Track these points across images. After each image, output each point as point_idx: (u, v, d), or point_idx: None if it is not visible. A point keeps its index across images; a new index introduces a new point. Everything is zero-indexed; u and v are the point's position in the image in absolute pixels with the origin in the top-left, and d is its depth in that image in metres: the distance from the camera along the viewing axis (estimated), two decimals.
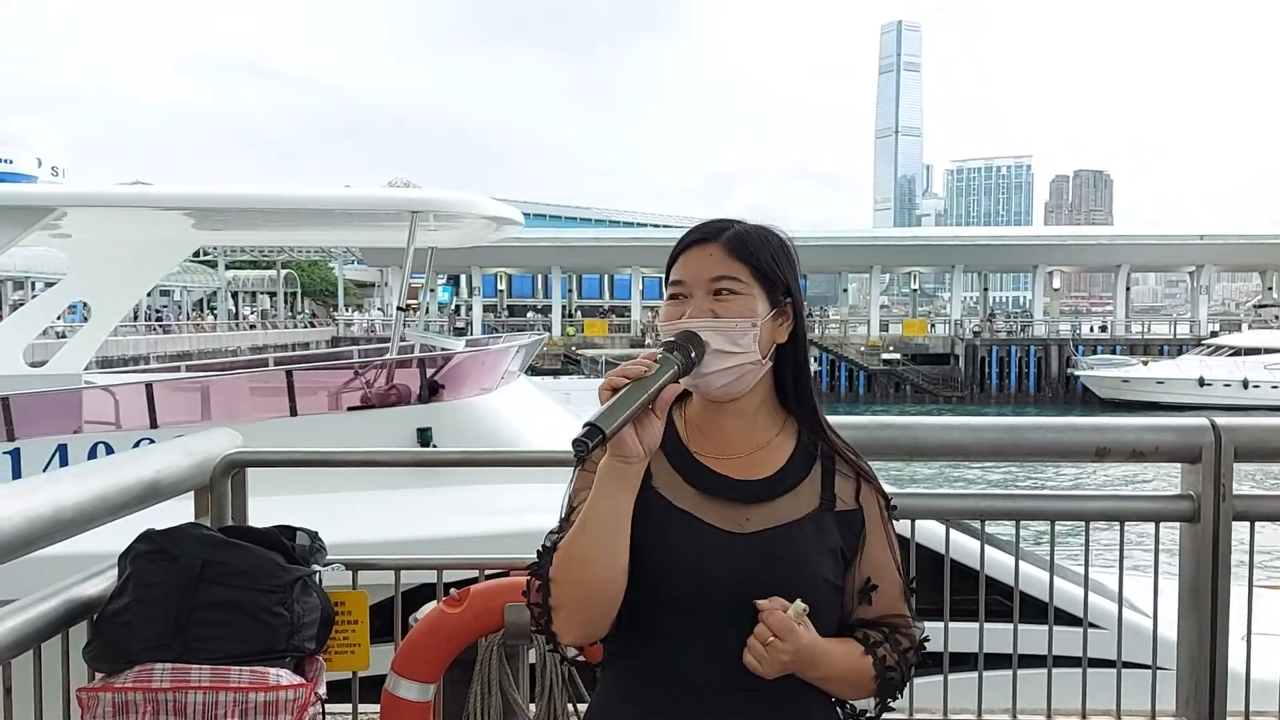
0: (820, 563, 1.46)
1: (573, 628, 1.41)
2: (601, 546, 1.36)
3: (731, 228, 1.52)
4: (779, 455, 1.52)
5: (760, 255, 1.50)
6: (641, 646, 1.45)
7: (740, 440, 1.52)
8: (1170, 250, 55.44)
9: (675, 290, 1.51)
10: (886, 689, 1.49)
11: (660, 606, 1.42)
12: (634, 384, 1.31)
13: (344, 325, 59.21)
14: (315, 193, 9.78)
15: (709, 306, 1.46)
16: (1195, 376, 40.63)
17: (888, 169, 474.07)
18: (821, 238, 58.47)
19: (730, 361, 1.45)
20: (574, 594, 1.38)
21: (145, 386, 8.07)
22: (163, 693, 2.17)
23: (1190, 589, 3.09)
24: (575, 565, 1.37)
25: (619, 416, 1.28)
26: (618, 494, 1.36)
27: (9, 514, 2.02)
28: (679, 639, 1.43)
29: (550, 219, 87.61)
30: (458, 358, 9.04)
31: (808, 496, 1.50)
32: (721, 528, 1.45)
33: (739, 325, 1.46)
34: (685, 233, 1.55)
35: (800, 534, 1.46)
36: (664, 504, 1.45)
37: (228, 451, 2.69)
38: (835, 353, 51.20)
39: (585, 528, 1.37)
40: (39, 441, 7.39)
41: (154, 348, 36.00)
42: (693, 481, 1.48)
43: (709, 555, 1.42)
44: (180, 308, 64.83)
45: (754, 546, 1.44)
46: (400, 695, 2.66)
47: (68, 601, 2.27)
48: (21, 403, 7.67)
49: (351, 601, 2.65)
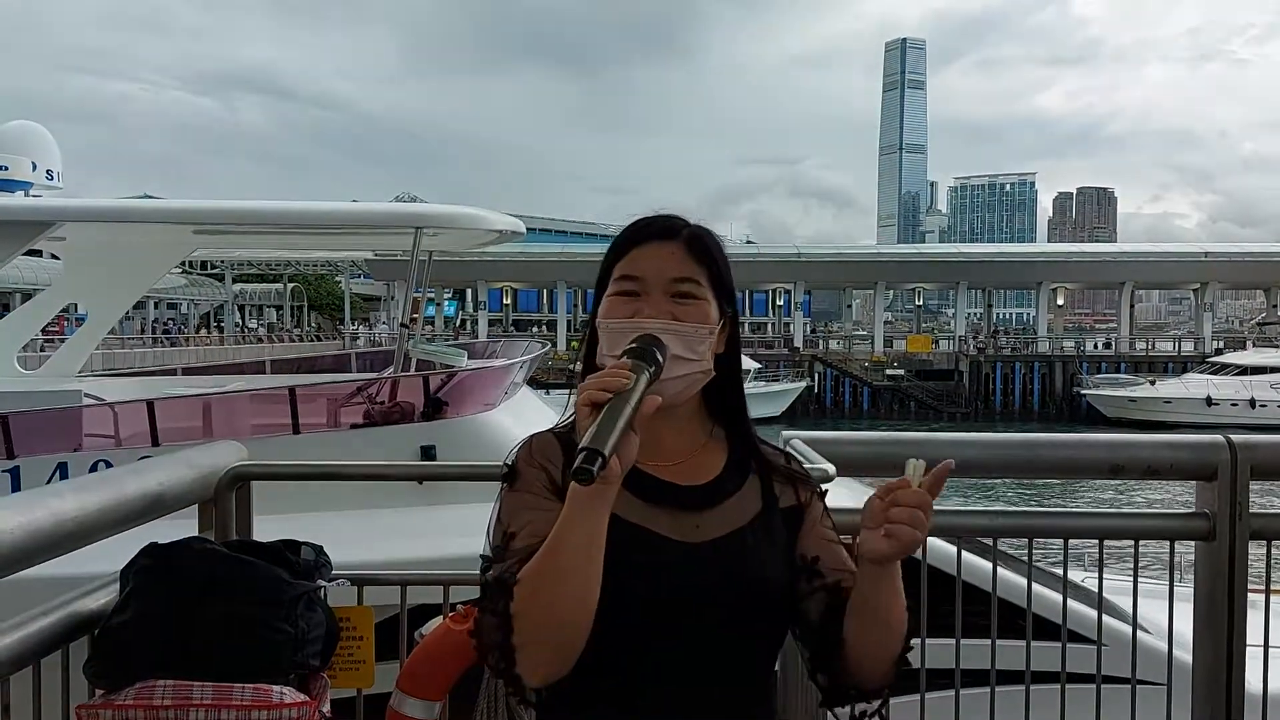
0: (777, 565, 1.43)
1: (540, 667, 1.28)
2: (576, 575, 1.25)
3: (686, 226, 1.48)
4: (715, 460, 1.49)
5: (717, 259, 1.48)
6: (594, 663, 1.34)
7: (676, 446, 1.48)
8: (1174, 267, 55.48)
9: (627, 286, 1.45)
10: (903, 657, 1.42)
11: (617, 627, 1.33)
12: (615, 398, 1.24)
13: (350, 339, 59.28)
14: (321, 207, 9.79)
15: (668, 309, 1.41)
16: (1202, 396, 40.61)
17: (892, 186, 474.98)
18: (826, 254, 58.63)
19: (687, 369, 1.42)
20: (543, 630, 1.26)
21: (146, 404, 7.99)
22: (164, 710, 2.13)
23: (1206, 608, 3.05)
24: (545, 597, 1.25)
25: (612, 434, 1.20)
26: (593, 517, 1.25)
27: (9, 527, 1.98)
28: (637, 655, 1.37)
29: (556, 234, 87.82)
30: (460, 374, 9.01)
31: (751, 500, 1.47)
32: (676, 539, 1.39)
33: (699, 331, 1.42)
34: (636, 223, 1.50)
35: (754, 537, 1.43)
36: (613, 518, 1.30)
37: (232, 464, 2.66)
38: (839, 369, 51.20)
39: (557, 555, 1.25)
40: (39, 460, 7.33)
41: (160, 360, 36.02)
42: (638, 491, 1.39)
43: (668, 570, 1.37)
44: (187, 321, 64.99)
45: (712, 556, 1.39)
46: (405, 713, 2.63)
47: (68, 616, 2.23)
48: (21, 421, 7.63)
49: (356, 618, 2.62)
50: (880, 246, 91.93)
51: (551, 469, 1.42)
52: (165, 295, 56.93)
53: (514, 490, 1.40)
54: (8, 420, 7.43)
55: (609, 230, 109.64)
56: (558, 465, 1.42)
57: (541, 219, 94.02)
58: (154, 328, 55.18)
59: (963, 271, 56.99)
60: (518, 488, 1.40)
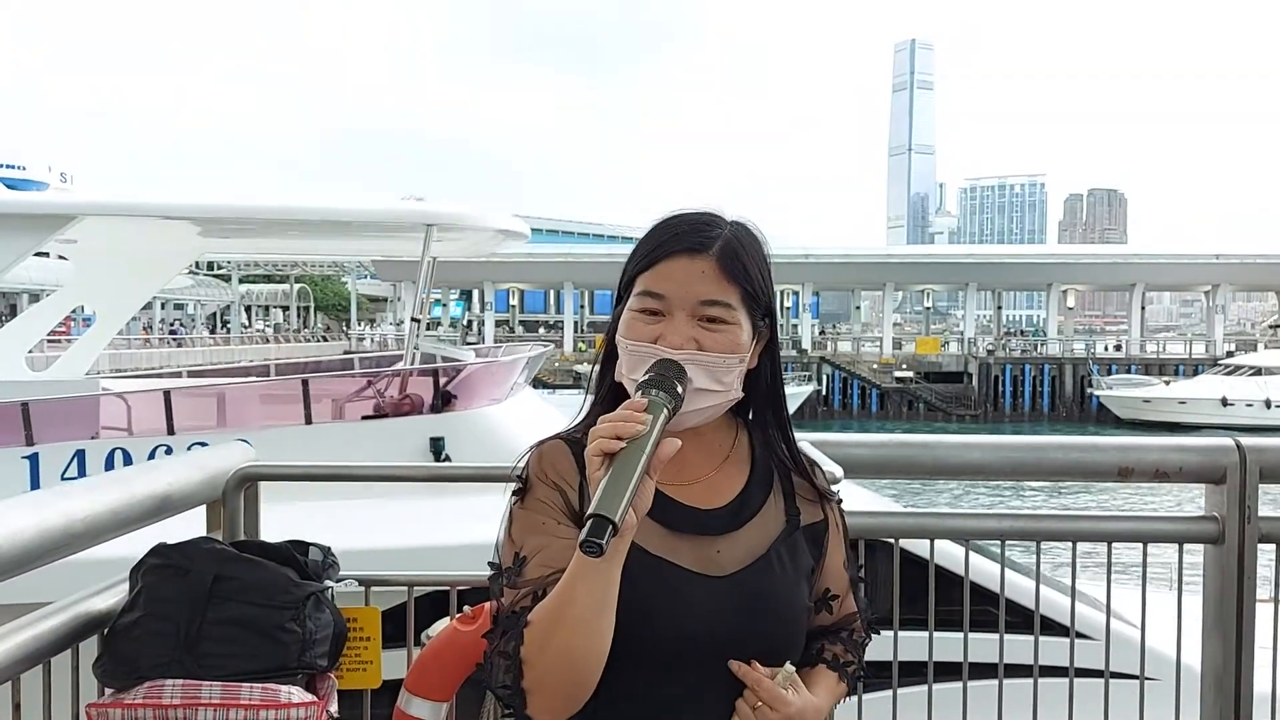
0: (799, 595, 1.38)
1: (552, 709, 1.25)
2: (588, 628, 1.20)
3: (721, 234, 1.35)
4: (737, 474, 1.42)
5: (753, 275, 1.35)
6: (615, 710, 1.32)
7: (697, 463, 1.39)
8: (1186, 269, 55.23)
9: (650, 305, 1.33)
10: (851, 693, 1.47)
11: (636, 663, 1.29)
12: (629, 447, 1.15)
13: (356, 340, 59.39)
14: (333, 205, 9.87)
15: (692, 334, 1.31)
16: (1217, 397, 40.37)
17: (901, 187, 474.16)
18: (834, 255, 58.47)
19: (711, 401, 1.33)
20: (553, 676, 1.22)
21: (163, 394, 8.13)
22: (173, 709, 2.14)
23: (1214, 612, 3.04)
24: (556, 647, 1.21)
25: (622, 496, 1.12)
26: (606, 571, 1.18)
27: (20, 527, 1.99)
28: (656, 697, 1.32)
29: (563, 235, 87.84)
30: (469, 369, 9.13)
31: (774, 515, 1.40)
32: (698, 572, 1.33)
33: (727, 361, 1.32)
34: (665, 231, 1.36)
35: (778, 565, 1.37)
36: (632, 548, 1.23)
37: (240, 465, 2.67)
38: (847, 370, 51.11)
39: (568, 607, 1.19)
40: (57, 447, 7.43)
41: (167, 360, 36.13)
42: (658, 517, 1.29)
43: (690, 606, 1.31)
44: (194, 321, 65.16)
45: (735, 590, 1.33)
46: (412, 714, 2.63)
47: (78, 616, 2.24)
48: (40, 408, 7.73)
49: (364, 618, 2.62)
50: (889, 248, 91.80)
51: (567, 490, 1.34)
52: (172, 296, 57.09)
53: (525, 507, 1.34)
54: (28, 407, 7.52)
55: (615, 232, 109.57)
56: (573, 485, 1.34)
57: (548, 219, 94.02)
58: (161, 328, 55.35)
59: (972, 272, 56.82)
60: (529, 505, 1.33)
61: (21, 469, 7.21)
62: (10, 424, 7.52)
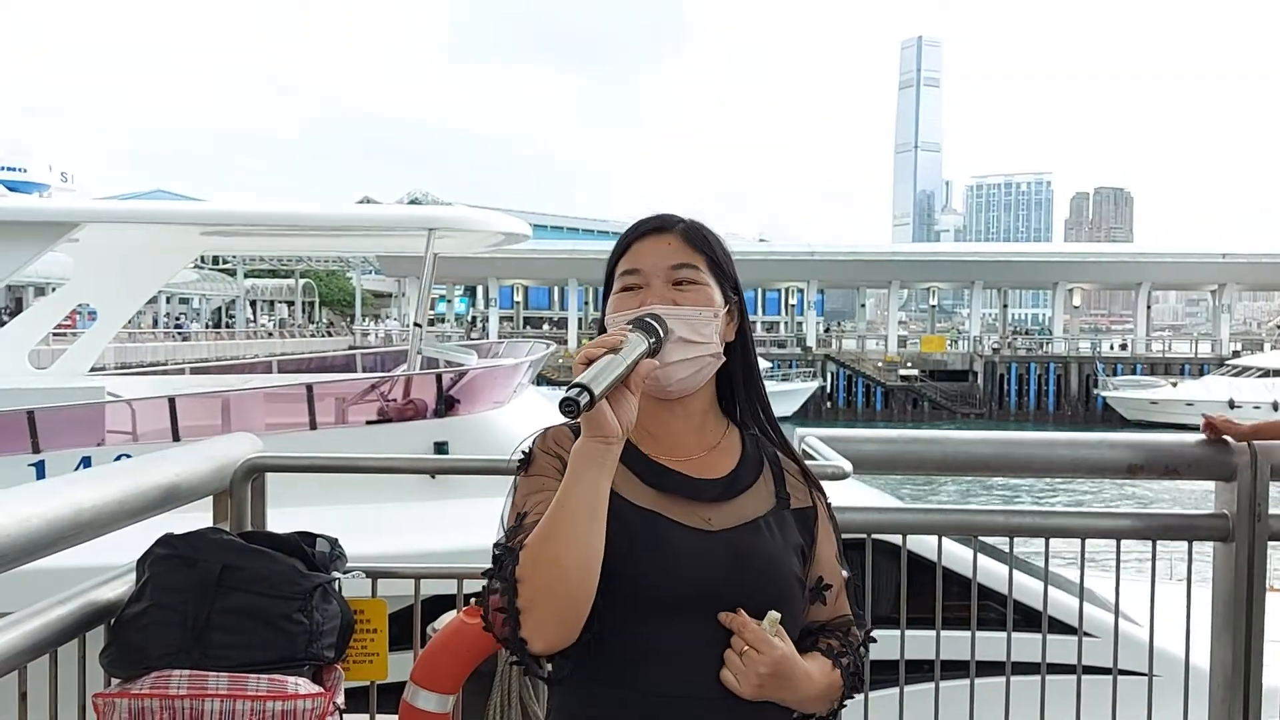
0: (789, 560, 1.43)
1: (545, 631, 1.29)
2: (577, 536, 1.27)
3: (681, 220, 1.51)
4: (729, 456, 1.50)
5: (715, 247, 1.50)
6: (608, 656, 1.37)
7: (689, 442, 1.49)
8: (1192, 268, 55.09)
9: (630, 281, 1.47)
10: (849, 694, 1.48)
11: (629, 611, 1.35)
12: (611, 355, 1.25)
13: (360, 335, 59.46)
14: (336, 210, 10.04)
15: (670, 296, 1.44)
16: (1225, 398, 40.19)
17: (907, 184, 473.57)
18: (839, 253, 58.44)
19: (693, 351, 1.42)
20: (546, 593, 1.28)
21: (168, 400, 8.22)
22: (180, 700, 2.13)
23: (1224, 610, 3.03)
24: (547, 560, 1.27)
25: (605, 381, 1.21)
26: (595, 479, 1.27)
27: (26, 516, 1.99)
28: (649, 646, 1.36)
29: (567, 231, 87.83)
30: (472, 372, 9.21)
31: (764, 495, 1.48)
32: (689, 526, 1.40)
33: (702, 314, 1.44)
34: (633, 225, 1.53)
35: (767, 531, 1.43)
36: (625, 504, 1.37)
37: (248, 456, 2.67)
38: (852, 368, 51.06)
39: (559, 518, 1.27)
40: (63, 454, 7.49)
41: (172, 355, 36.17)
42: (651, 481, 1.42)
43: (680, 554, 1.37)
44: (199, 315, 65.25)
45: (724, 545, 1.39)
46: (419, 706, 2.62)
47: (85, 606, 2.24)
48: (46, 416, 7.79)
49: (370, 610, 2.62)
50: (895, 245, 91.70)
51: (564, 454, 1.41)
52: (177, 290, 57.19)
53: (528, 475, 1.42)
54: (34, 415, 7.57)
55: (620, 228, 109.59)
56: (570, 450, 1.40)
57: (552, 216, 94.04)
58: (165, 322, 55.46)
59: (978, 271, 56.72)
60: (531, 472, 1.42)
61: (28, 477, 7.26)
62: (16, 432, 7.59)
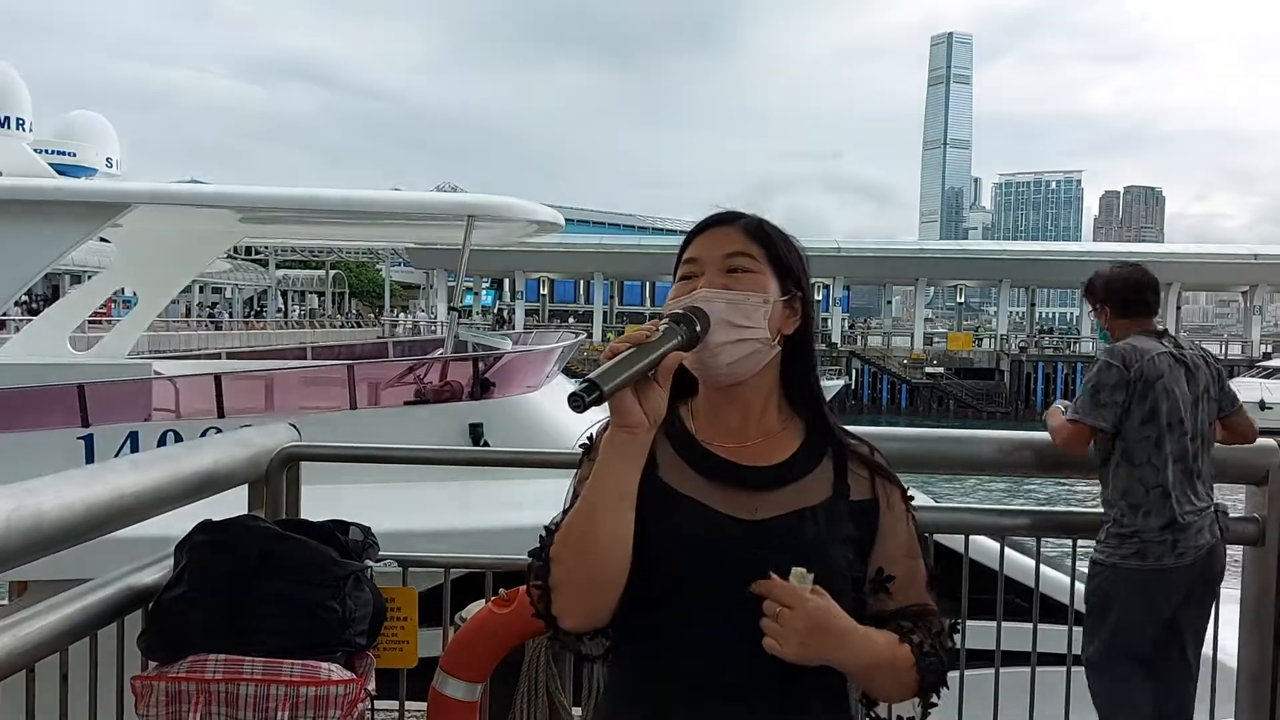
0: (834, 550, 1.39)
1: (574, 610, 1.34)
2: (604, 522, 1.31)
3: (747, 215, 1.50)
4: (787, 445, 1.46)
5: (777, 242, 1.48)
6: (650, 641, 1.39)
7: (747, 429, 1.46)
8: (1223, 269, 54.43)
9: (688, 269, 1.47)
10: (929, 679, 1.39)
11: (670, 597, 1.36)
12: (635, 349, 1.27)
13: (389, 326, 59.80)
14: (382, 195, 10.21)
15: (721, 282, 1.43)
16: (1256, 400, 39.63)
17: (935, 181, 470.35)
18: (866, 249, 58.12)
19: (739, 335, 1.39)
20: (575, 574, 1.33)
21: (214, 378, 8.46)
22: (215, 683, 2.17)
23: (1253, 612, 3.01)
24: (576, 543, 1.32)
25: (618, 376, 1.24)
26: (622, 468, 1.31)
27: (70, 501, 2.03)
28: (689, 631, 1.37)
29: (594, 225, 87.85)
30: (507, 357, 9.42)
31: (819, 486, 1.44)
32: (731, 514, 1.39)
33: (750, 299, 1.41)
34: (700, 221, 1.52)
35: (813, 521, 1.40)
36: (670, 491, 1.40)
37: (284, 445, 2.71)
38: (877, 365, 50.82)
39: (588, 502, 1.32)
40: (111, 428, 7.69)
41: (205, 343, 36.53)
42: (698, 468, 1.42)
43: (720, 541, 1.37)
44: (231, 305, 65.82)
45: (765, 533, 1.38)
46: (447, 694, 2.66)
47: (124, 590, 2.28)
48: (95, 391, 7.98)
49: (401, 598, 2.66)
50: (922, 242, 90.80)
51: None
52: (210, 280, 57.69)
53: (589, 460, 1.43)
54: (83, 390, 7.76)
55: (646, 222, 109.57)
56: None
57: (579, 209, 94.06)
58: (199, 311, 55.99)
59: (1005, 269, 56.22)
60: (593, 458, 1.42)
61: (77, 449, 7.47)
62: (67, 406, 7.82)
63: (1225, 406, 3.43)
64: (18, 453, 7.15)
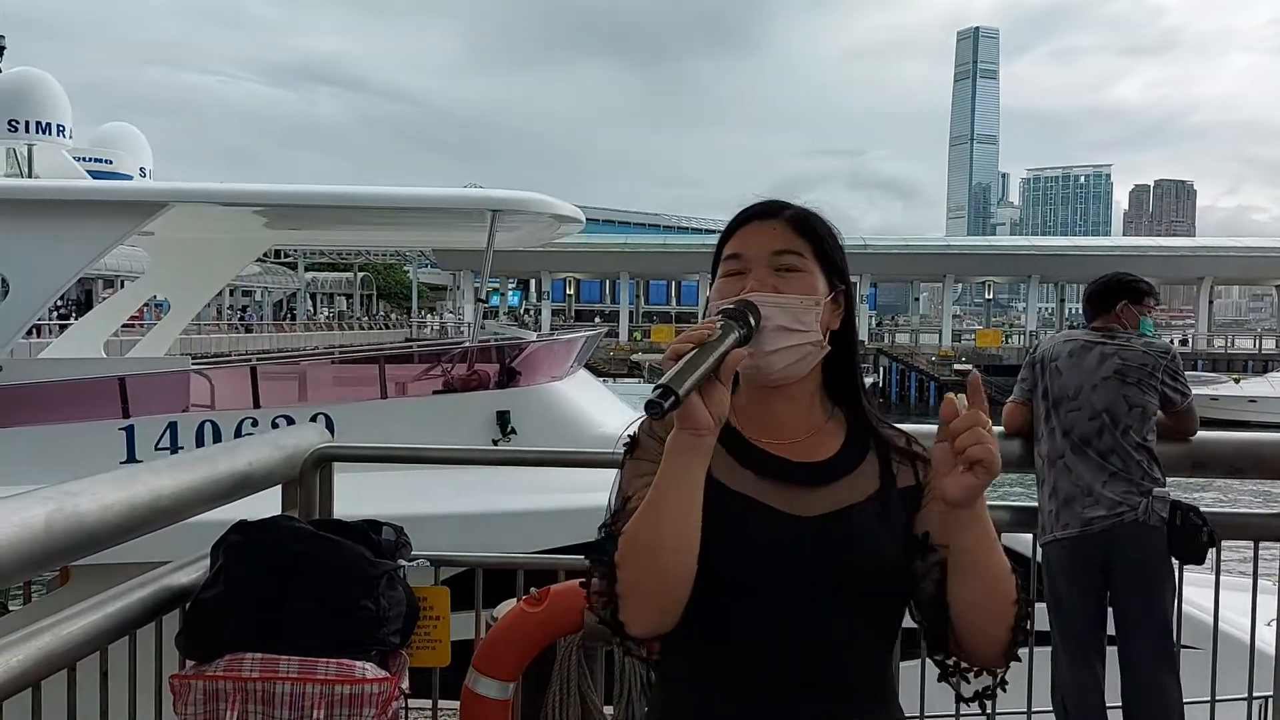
0: (889, 542, 1.38)
1: (643, 618, 1.31)
2: (673, 526, 1.27)
3: (791, 206, 1.47)
4: (833, 440, 1.46)
5: (822, 235, 1.47)
6: (703, 641, 1.38)
7: (793, 425, 1.45)
8: (1255, 263, 53.72)
9: (732, 266, 1.44)
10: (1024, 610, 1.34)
11: (723, 596, 1.34)
12: (699, 349, 1.23)
13: (417, 327, 60.16)
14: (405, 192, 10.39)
15: (771, 282, 1.40)
16: None
17: (962, 177, 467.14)
18: (894, 245, 57.79)
19: (793, 340, 1.38)
20: (644, 580, 1.29)
21: (250, 369, 8.72)
22: (251, 682, 2.20)
23: None
24: (644, 548, 1.28)
25: (689, 377, 1.20)
26: (688, 470, 1.27)
27: (109, 502, 2.07)
28: (741, 631, 1.36)
29: (619, 225, 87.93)
30: (531, 347, 9.62)
31: (868, 478, 1.43)
32: (784, 510, 1.38)
33: (804, 302, 1.40)
34: (742, 210, 1.49)
35: (866, 515, 1.39)
36: (721, 488, 1.35)
37: (317, 445, 2.74)
38: (905, 362, 50.54)
39: (655, 507, 1.27)
40: (151, 419, 7.90)
41: (236, 346, 36.90)
42: (749, 464, 1.40)
43: (774, 539, 1.36)
44: (261, 307, 66.44)
45: (819, 529, 1.36)
46: (480, 692, 2.68)
47: (161, 590, 2.32)
48: (136, 383, 8.26)
49: (434, 598, 2.68)
50: (949, 238, 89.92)
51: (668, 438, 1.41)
52: (240, 283, 58.28)
53: (633, 459, 1.42)
54: (124, 382, 7.97)
55: (671, 221, 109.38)
56: None
57: (604, 210, 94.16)
58: (230, 314, 56.58)
59: (1034, 265, 55.72)
60: (637, 456, 1.41)
61: (119, 440, 7.65)
62: (109, 398, 8.04)
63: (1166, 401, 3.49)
64: (63, 443, 7.39)
